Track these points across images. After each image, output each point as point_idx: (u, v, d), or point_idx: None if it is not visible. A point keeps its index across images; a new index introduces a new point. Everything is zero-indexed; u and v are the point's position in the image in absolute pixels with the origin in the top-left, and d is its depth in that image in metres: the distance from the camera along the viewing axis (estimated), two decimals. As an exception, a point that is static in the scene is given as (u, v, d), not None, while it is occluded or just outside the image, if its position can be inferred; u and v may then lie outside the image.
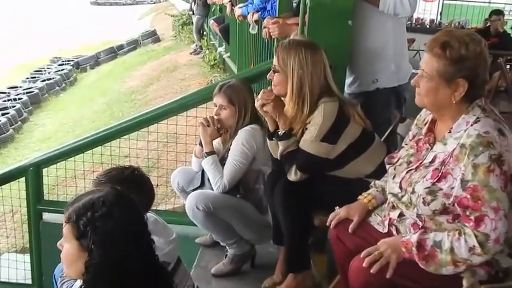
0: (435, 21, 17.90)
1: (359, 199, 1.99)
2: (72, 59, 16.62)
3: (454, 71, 1.59)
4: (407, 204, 1.72)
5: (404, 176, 1.76)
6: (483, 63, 1.60)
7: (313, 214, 2.24)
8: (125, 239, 1.35)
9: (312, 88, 2.16)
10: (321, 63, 2.17)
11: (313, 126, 2.15)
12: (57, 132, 9.68)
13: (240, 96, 2.56)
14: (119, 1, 36.87)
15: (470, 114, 1.62)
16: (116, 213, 1.35)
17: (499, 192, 1.52)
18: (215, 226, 2.58)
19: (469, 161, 1.53)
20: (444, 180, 1.60)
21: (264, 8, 4.96)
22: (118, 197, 1.40)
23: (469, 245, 1.54)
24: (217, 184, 2.52)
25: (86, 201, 1.38)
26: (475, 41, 1.59)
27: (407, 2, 2.49)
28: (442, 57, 1.59)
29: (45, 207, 3.24)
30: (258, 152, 2.53)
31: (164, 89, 9.40)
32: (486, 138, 1.53)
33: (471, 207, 1.54)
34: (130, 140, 3.20)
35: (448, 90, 1.62)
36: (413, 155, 1.79)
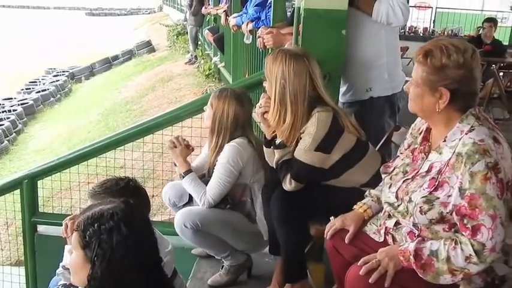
0: (428, 29, 18.09)
1: (354, 209, 1.99)
2: (67, 69, 16.68)
3: (436, 79, 1.60)
4: (404, 213, 1.72)
5: (400, 185, 1.76)
6: (467, 74, 1.59)
7: (309, 223, 2.23)
8: (129, 256, 1.33)
9: (295, 98, 2.15)
10: (305, 73, 2.15)
11: (307, 135, 2.15)
12: (52, 143, 9.66)
13: (220, 105, 2.49)
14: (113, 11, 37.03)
15: (464, 123, 1.62)
16: (123, 228, 1.33)
17: (495, 200, 1.52)
18: (206, 242, 2.57)
19: (466, 169, 1.54)
20: (441, 189, 1.61)
21: (259, 17, 4.99)
22: (128, 212, 1.37)
23: (466, 254, 1.54)
24: (202, 201, 2.49)
25: (96, 212, 1.37)
26: (459, 50, 1.58)
27: (399, 11, 2.50)
28: (425, 65, 1.61)
29: (40, 219, 3.22)
30: (245, 167, 2.49)
31: (159, 99, 9.40)
32: (482, 146, 1.54)
33: (468, 215, 1.54)
34: (126, 151, 3.19)
35: (432, 98, 1.63)
36: (409, 165, 1.79)
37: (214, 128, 2.51)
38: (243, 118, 2.49)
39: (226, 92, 2.53)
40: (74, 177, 3.32)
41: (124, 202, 1.41)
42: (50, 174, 3.22)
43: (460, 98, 1.61)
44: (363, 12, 2.57)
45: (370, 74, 2.67)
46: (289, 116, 2.16)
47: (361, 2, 2.56)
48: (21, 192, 3.19)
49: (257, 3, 5.14)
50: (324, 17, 2.44)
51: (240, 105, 2.47)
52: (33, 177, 3.17)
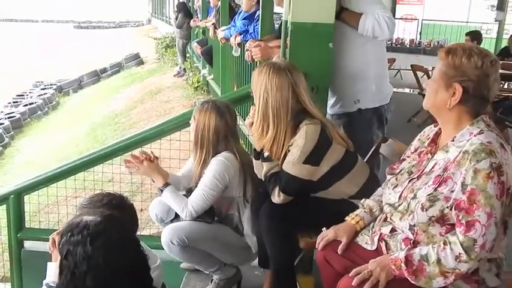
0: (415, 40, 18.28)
1: (346, 220, 1.99)
2: (55, 82, 16.56)
3: (452, 74, 1.66)
4: (403, 212, 1.74)
5: (406, 185, 1.79)
6: (483, 76, 1.64)
7: (299, 236, 2.23)
8: (94, 272, 1.27)
9: (277, 111, 2.16)
10: (287, 87, 2.16)
11: (295, 148, 2.15)
12: (40, 157, 9.56)
13: (201, 118, 2.47)
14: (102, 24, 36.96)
15: (474, 126, 1.67)
16: (88, 244, 1.27)
17: (494, 199, 1.55)
18: (194, 257, 2.55)
19: (471, 166, 1.58)
20: (445, 184, 1.64)
21: (247, 30, 5.03)
22: (101, 228, 1.31)
23: (455, 253, 1.57)
24: (184, 212, 2.45)
25: (75, 220, 1.34)
26: (481, 54, 1.65)
27: (385, 25, 2.53)
28: (445, 60, 1.68)
29: (27, 235, 3.18)
30: (232, 181, 2.47)
31: (148, 111, 9.38)
32: (489, 147, 1.58)
33: (465, 209, 1.57)
34: (114, 165, 3.17)
35: (445, 93, 1.68)
36: (415, 166, 1.83)
37: (197, 142, 2.50)
38: (224, 130, 2.46)
39: (208, 104, 2.51)
40: (61, 192, 3.28)
41: (104, 216, 1.36)
42: (37, 189, 3.19)
43: (471, 98, 1.66)
44: (349, 26, 2.60)
45: (358, 86, 2.69)
46: (271, 128, 2.18)
47: (347, 16, 2.59)
48: (7, 208, 3.15)
49: (245, 16, 5.18)
50: (311, 30, 2.47)
51: (220, 117, 2.45)
52: (20, 192, 3.13)
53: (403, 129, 5.41)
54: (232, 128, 2.51)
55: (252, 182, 2.51)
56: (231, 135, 2.50)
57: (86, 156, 3.15)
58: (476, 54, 1.65)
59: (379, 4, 2.62)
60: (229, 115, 2.49)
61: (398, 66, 9.19)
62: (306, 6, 2.46)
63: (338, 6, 2.55)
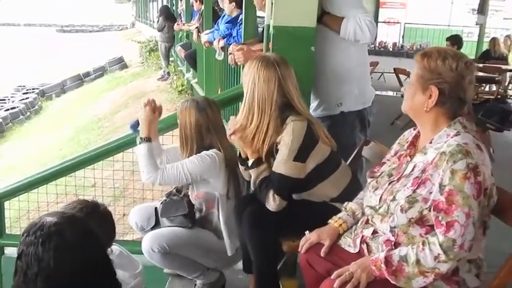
0: (398, 44, 18.52)
1: (329, 223, 1.99)
2: (38, 87, 16.38)
3: (428, 77, 1.69)
4: (384, 214, 1.76)
5: (386, 187, 1.80)
6: (458, 78, 1.67)
7: (282, 240, 2.22)
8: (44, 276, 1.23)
9: (262, 103, 2.17)
10: (273, 79, 2.17)
11: (284, 146, 2.15)
12: (22, 162, 9.43)
13: (182, 116, 2.51)
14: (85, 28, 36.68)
15: (452, 128, 1.70)
16: (39, 246, 1.23)
17: (471, 199, 1.57)
18: (176, 264, 2.54)
19: (448, 166, 1.59)
20: (423, 186, 1.66)
21: (230, 34, 5.02)
22: (59, 229, 1.26)
23: (434, 254, 1.58)
24: (148, 175, 2.39)
25: (35, 220, 1.30)
26: (455, 57, 1.69)
27: (367, 29, 2.55)
28: (420, 63, 1.72)
29: (7, 241, 3.14)
30: (213, 178, 2.46)
31: (132, 115, 9.28)
32: (465, 148, 1.60)
33: (444, 210, 1.59)
34: (96, 169, 3.14)
35: (422, 96, 1.71)
36: (395, 169, 1.85)
37: (182, 140, 2.52)
38: (206, 124, 2.47)
39: (187, 102, 2.55)
40: (43, 197, 3.24)
41: (62, 217, 1.30)
42: (18, 194, 3.15)
43: (447, 100, 1.69)
44: (331, 29, 2.61)
45: (341, 89, 2.71)
46: (255, 119, 2.19)
47: (329, 20, 2.61)
48: (-13, 214, 3.10)
49: (228, 20, 5.18)
50: (293, 34, 2.48)
51: (200, 112, 2.46)
52: (0, 198, 3.09)
53: (387, 131, 5.45)
54: (215, 121, 2.51)
55: (236, 179, 2.51)
56: (214, 128, 2.49)
57: (68, 161, 3.12)
58: (451, 56, 1.68)
59: (360, 8, 2.64)
60: (210, 109, 2.49)
61: (381, 69, 9.25)
62: (287, 10, 2.47)
63: (320, 10, 2.57)
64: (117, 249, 1.94)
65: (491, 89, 7.89)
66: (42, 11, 43.97)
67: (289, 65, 2.26)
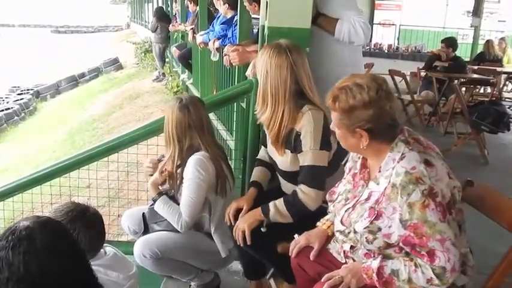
0: (393, 45, 18.56)
1: (318, 226, 1.99)
2: (32, 87, 16.31)
3: (349, 122, 1.64)
4: (355, 240, 1.75)
5: (343, 214, 1.78)
6: (377, 111, 1.60)
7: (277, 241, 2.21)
8: (14, 280, 1.21)
9: (276, 90, 2.16)
10: (285, 66, 2.15)
11: (308, 135, 2.13)
12: (16, 163, 9.39)
13: (166, 115, 2.52)
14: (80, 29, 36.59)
15: (395, 151, 1.64)
16: (14, 249, 1.21)
17: (439, 224, 1.53)
18: (169, 268, 2.53)
19: (403, 201, 1.55)
20: (381, 218, 1.62)
21: (225, 35, 5.02)
22: (30, 233, 1.23)
23: (427, 277, 1.56)
24: (179, 223, 2.42)
25: (12, 225, 1.28)
26: (363, 90, 1.60)
27: (361, 31, 2.56)
28: (335, 110, 1.66)
29: (1, 242, 3.11)
30: (210, 181, 2.46)
31: (127, 116, 9.29)
32: (414, 175, 1.55)
33: (418, 244, 1.56)
34: (91, 170, 3.13)
35: (353, 139, 1.67)
36: (350, 191, 1.81)
37: (166, 138, 2.52)
38: (187, 122, 2.44)
39: (172, 101, 2.56)
40: (37, 198, 3.22)
41: (35, 221, 1.27)
42: (12, 195, 3.12)
43: (379, 135, 1.63)
44: (326, 31, 2.62)
45: None
46: (269, 106, 2.19)
47: (323, 21, 2.62)
48: (-19, 215, 3.09)
49: (223, 21, 5.19)
50: (288, 35, 2.47)
51: (181, 110, 2.45)
52: (-6, 198, 3.07)
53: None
54: (197, 119, 2.47)
55: (222, 176, 2.49)
56: (196, 126, 2.46)
57: (62, 161, 3.10)
58: (358, 92, 1.60)
59: (354, 10, 2.64)
60: (193, 107, 2.47)
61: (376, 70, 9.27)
62: (282, 11, 2.47)
63: (314, 11, 2.57)
64: (111, 251, 1.93)
65: (486, 91, 7.94)
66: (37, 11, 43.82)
67: (302, 51, 2.25)
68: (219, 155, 2.48)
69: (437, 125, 6.31)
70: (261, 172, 2.44)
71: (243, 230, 2.17)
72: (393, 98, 1.65)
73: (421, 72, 7.43)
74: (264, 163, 2.45)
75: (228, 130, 3.97)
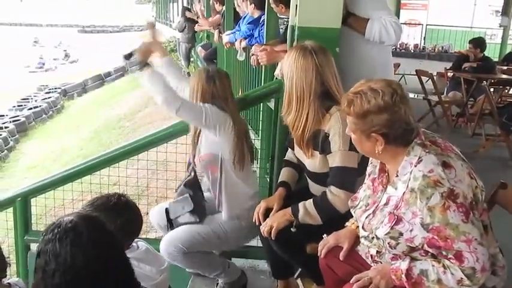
0: (419, 45, 18.34)
1: (347, 226, 1.99)
2: (59, 86, 16.63)
3: (364, 127, 1.62)
4: (379, 246, 1.73)
5: (364, 221, 1.77)
6: (392, 116, 1.58)
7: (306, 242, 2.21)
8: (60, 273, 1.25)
9: (301, 92, 2.16)
10: (311, 68, 2.15)
11: (336, 135, 2.12)
12: (44, 160, 9.60)
13: (191, 82, 2.55)
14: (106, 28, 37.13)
15: (411, 155, 1.62)
16: (61, 241, 1.26)
17: (462, 225, 1.51)
18: (196, 263, 2.54)
19: (423, 205, 1.53)
20: (401, 223, 1.61)
21: (252, 35, 5.03)
22: (75, 225, 1.28)
23: (457, 278, 1.54)
24: (165, 98, 2.38)
25: (56, 220, 1.34)
26: (377, 94, 1.58)
27: (392, 30, 2.54)
28: (350, 114, 1.64)
29: (33, 237, 3.18)
30: (222, 134, 2.44)
31: (152, 115, 9.40)
32: (432, 178, 1.53)
33: (443, 246, 1.54)
34: (119, 168, 3.18)
35: (368, 143, 1.65)
36: (370, 197, 1.80)
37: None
38: (211, 92, 2.48)
39: (199, 71, 2.65)
40: (67, 194, 3.29)
41: (78, 216, 1.33)
42: (44, 192, 3.20)
43: (394, 139, 1.62)
44: (356, 31, 2.61)
45: None
46: (294, 108, 2.19)
47: (354, 22, 2.60)
48: (14, 211, 3.16)
49: (250, 21, 5.19)
50: (318, 35, 2.47)
51: (207, 79, 2.49)
52: (26, 195, 3.15)
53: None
54: (222, 91, 2.50)
55: (241, 149, 2.49)
56: (220, 96, 2.49)
57: (92, 159, 3.16)
58: (373, 97, 1.58)
59: (385, 10, 2.62)
60: (219, 79, 2.51)
61: (402, 71, 9.18)
62: (312, 11, 2.47)
63: (344, 11, 2.56)
64: (144, 245, 1.97)
65: (515, 91, 7.78)
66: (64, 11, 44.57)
67: (328, 52, 2.24)
68: (241, 127, 2.49)
69: (465, 127, 6.20)
70: (289, 172, 2.45)
71: (271, 226, 2.18)
72: (408, 102, 1.63)
73: (448, 73, 7.32)
74: (291, 164, 2.46)
75: (253, 129, 3.99)
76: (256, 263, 2.90)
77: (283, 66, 2.30)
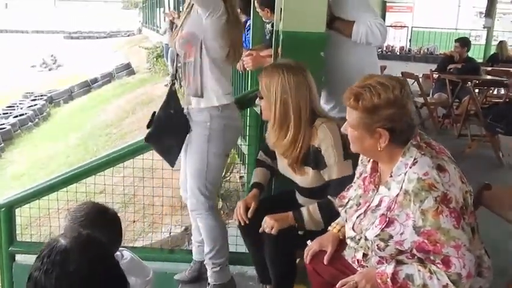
0: (405, 48, 18.49)
1: (329, 230, 1.99)
2: (45, 93, 16.48)
3: (371, 121, 1.59)
4: (366, 248, 1.73)
5: (355, 221, 1.76)
6: (400, 110, 1.58)
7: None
8: None
9: (298, 111, 2.12)
10: (305, 85, 2.13)
11: (329, 148, 2.10)
12: (31, 168, 9.49)
13: None
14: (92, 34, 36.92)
15: (407, 156, 1.61)
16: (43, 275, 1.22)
17: (453, 231, 1.51)
18: None
19: (416, 208, 1.53)
20: (392, 225, 1.60)
21: (238, 40, 5.01)
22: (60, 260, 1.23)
23: (442, 283, 1.54)
24: None
25: (49, 241, 1.29)
26: (388, 88, 1.58)
27: (378, 32, 2.57)
28: (357, 108, 1.61)
29: (18, 248, 3.14)
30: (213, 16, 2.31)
31: (140, 121, 9.35)
32: (427, 181, 1.53)
33: (432, 251, 1.53)
34: (106, 176, 3.14)
35: (371, 139, 1.62)
36: (361, 196, 1.79)
37: None
38: None
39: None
40: (53, 204, 3.24)
41: (74, 242, 1.26)
42: (28, 202, 3.15)
43: (399, 135, 1.61)
44: (342, 34, 2.62)
45: None
46: (292, 129, 2.13)
47: (339, 25, 2.62)
48: (-2, 221, 3.11)
49: (236, 25, 5.18)
50: (303, 39, 2.47)
51: None
52: (11, 205, 3.08)
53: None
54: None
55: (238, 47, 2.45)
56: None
57: (78, 168, 3.11)
58: (383, 90, 1.58)
59: (370, 12, 2.65)
60: None
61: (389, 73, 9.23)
62: (297, 16, 2.47)
63: (329, 15, 2.57)
64: (128, 255, 1.93)
65: (500, 92, 7.85)
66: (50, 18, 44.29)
67: (304, 65, 2.23)
68: (238, 31, 2.45)
69: (451, 128, 6.25)
70: (262, 172, 2.44)
71: (272, 226, 2.13)
72: (410, 97, 1.65)
73: (433, 75, 7.37)
74: (264, 164, 2.45)
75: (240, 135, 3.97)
76: (244, 270, 2.89)
77: (266, 90, 2.17)
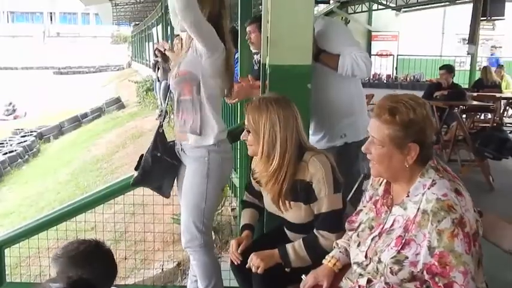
0: (392, 75, 18.76)
1: (323, 263, 1.97)
2: (35, 129, 16.44)
3: (405, 135, 1.61)
4: (373, 273, 1.71)
5: (369, 244, 1.74)
6: (430, 125, 1.63)
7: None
8: None
9: (285, 143, 2.11)
10: (292, 118, 2.13)
11: (320, 182, 2.09)
12: (20, 206, 9.36)
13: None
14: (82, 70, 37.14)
15: (425, 177, 1.63)
16: None
17: (464, 256, 1.51)
18: None
19: (433, 227, 1.53)
20: (408, 247, 1.60)
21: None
22: None
23: None
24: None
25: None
26: (420, 104, 1.62)
27: (363, 64, 2.63)
28: (392, 123, 1.61)
29: (8, 289, 3.08)
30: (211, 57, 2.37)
31: (130, 155, 9.31)
32: (446, 202, 1.54)
33: (439, 273, 1.53)
34: (96, 213, 3.12)
35: (400, 155, 1.63)
36: (374, 219, 1.78)
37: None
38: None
39: None
40: (43, 243, 3.20)
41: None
42: (18, 241, 3.11)
43: (426, 151, 1.63)
44: (328, 67, 2.68)
45: (343, 121, 2.81)
46: (277, 160, 2.11)
47: (325, 58, 2.69)
48: (-13, 262, 3.06)
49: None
50: (289, 71, 2.50)
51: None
52: (0, 246, 3.05)
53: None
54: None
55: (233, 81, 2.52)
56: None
57: (68, 205, 3.09)
58: (417, 105, 1.61)
59: (355, 46, 2.73)
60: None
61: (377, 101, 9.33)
62: (283, 49, 2.50)
63: (315, 48, 2.61)
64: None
65: (487, 117, 7.96)
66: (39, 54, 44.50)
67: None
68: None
69: (440, 153, 6.30)
70: (251, 213, 2.44)
71: (258, 266, 2.12)
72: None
73: (421, 101, 7.45)
74: (251, 204, 2.46)
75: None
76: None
77: (252, 125, 2.16)
